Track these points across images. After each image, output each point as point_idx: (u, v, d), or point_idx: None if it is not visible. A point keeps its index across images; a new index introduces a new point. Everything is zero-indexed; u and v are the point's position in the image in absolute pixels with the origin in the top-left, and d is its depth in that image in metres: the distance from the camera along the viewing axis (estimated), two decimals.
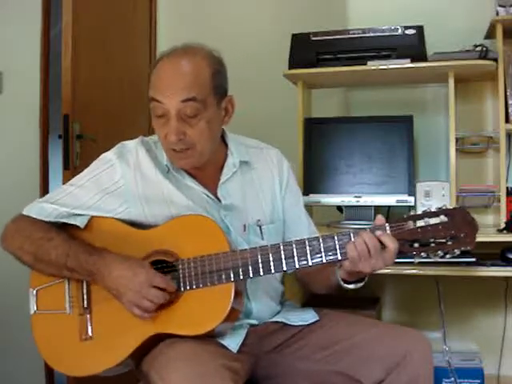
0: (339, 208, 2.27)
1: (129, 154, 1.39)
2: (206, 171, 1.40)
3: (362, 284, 1.32)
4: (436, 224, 1.22)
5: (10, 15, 2.52)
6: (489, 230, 2.00)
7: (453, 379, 2.11)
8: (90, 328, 1.30)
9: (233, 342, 1.28)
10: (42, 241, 1.31)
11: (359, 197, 2.15)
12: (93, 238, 1.34)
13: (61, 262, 1.29)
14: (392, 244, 1.22)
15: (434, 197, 2.04)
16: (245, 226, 1.41)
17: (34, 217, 1.36)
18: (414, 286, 2.30)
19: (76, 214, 1.35)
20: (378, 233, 1.23)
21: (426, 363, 1.28)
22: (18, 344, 2.41)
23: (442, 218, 1.23)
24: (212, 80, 1.32)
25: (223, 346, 1.27)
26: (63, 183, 1.45)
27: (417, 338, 1.31)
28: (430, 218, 1.23)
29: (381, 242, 1.22)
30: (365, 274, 1.27)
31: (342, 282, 1.32)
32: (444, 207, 1.25)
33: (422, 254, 1.23)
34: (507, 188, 2.09)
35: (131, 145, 1.42)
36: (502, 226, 1.94)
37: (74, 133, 2.03)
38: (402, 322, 2.34)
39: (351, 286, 1.32)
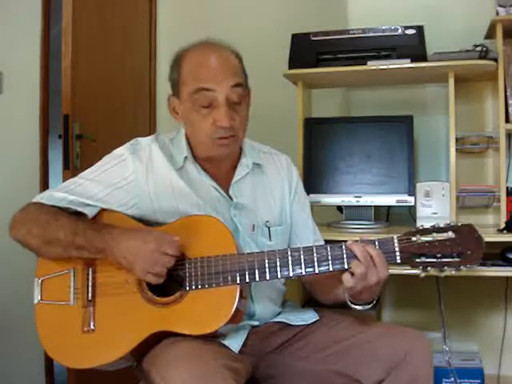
0: (339, 208, 2.27)
1: (142, 150, 1.39)
2: (221, 168, 1.42)
3: (369, 306, 1.31)
4: (443, 240, 1.23)
5: (10, 15, 2.52)
6: (489, 229, 1.99)
7: (453, 379, 2.10)
8: (92, 321, 1.30)
9: (234, 343, 1.29)
10: (50, 222, 1.31)
11: (359, 197, 2.15)
12: None
13: (69, 240, 1.29)
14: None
15: (434, 197, 2.03)
16: (254, 225, 1.42)
17: (43, 202, 1.35)
18: (414, 285, 2.30)
19: (85, 204, 1.35)
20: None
21: (426, 363, 1.28)
22: (18, 340, 2.41)
23: (450, 234, 1.23)
24: (243, 71, 1.37)
25: (225, 346, 1.27)
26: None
27: (417, 337, 1.31)
28: (437, 233, 1.24)
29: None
30: (372, 291, 1.26)
31: (349, 303, 1.31)
32: (452, 223, 1.25)
33: (428, 268, 1.23)
34: (507, 188, 2.08)
35: (145, 141, 1.42)
36: (502, 225, 1.93)
37: (74, 133, 2.02)
38: (402, 322, 2.34)
39: (359, 307, 1.31)
